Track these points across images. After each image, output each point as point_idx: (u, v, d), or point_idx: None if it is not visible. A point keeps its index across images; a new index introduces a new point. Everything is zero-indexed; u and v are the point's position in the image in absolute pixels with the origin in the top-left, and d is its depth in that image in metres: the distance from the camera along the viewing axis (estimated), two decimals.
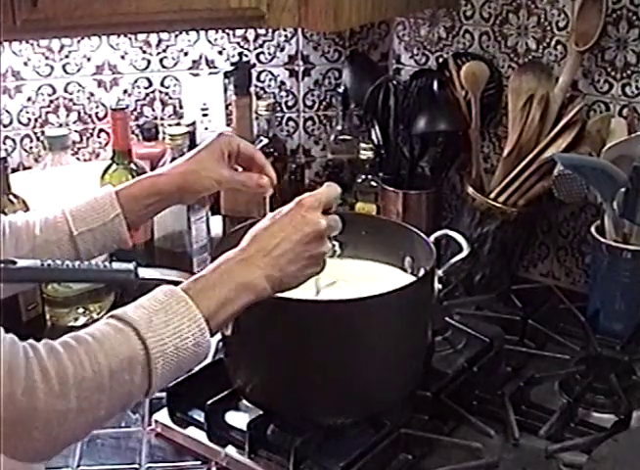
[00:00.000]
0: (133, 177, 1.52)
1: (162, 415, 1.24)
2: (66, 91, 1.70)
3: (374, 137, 1.69)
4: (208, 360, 1.29)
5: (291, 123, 1.85)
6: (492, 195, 1.54)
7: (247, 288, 0.94)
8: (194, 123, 1.72)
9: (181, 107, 1.77)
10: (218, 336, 1.22)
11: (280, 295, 1.08)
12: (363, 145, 1.65)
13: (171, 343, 0.87)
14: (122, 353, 0.85)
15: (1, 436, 0.78)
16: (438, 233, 1.28)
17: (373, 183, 1.65)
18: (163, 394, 1.24)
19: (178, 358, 0.88)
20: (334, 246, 1.04)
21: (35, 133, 1.70)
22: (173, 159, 1.52)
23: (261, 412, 1.17)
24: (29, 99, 1.68)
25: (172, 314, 0.88)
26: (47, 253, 1.11)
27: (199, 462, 1.18)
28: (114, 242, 1.16)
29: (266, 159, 1.23)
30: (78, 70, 1.69)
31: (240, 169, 1.22)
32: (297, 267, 0.98)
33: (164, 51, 1.73)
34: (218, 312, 0.92)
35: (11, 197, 1.43)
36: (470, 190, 1.56)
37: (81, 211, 1.14)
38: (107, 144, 1.74)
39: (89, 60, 1.69)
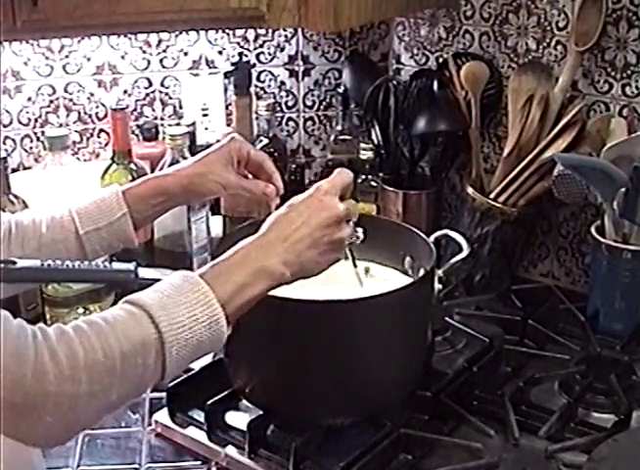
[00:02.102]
0: (133, 177, 1.53)
1: (162, 415, 1.24)
2: (66, 91, 1.70)
3: (374, 137, 1.69)
4: (208, 360, 1.30)
5: (291, 123, 1.85)
6: (492, 195, 1.54)
7: (264, 273, 0.94)
8: (194, 123, 1.72)
9: (181, 107, 1.77)
10: None
11: (280, 295, 1.08)
12: (363, 145, 1.65)
13: (186, 327, 0.86)
14: (134, 337, 0.84)
15: (0, 420, 0.77)
16: (438, 233, 1.28)
17: (373, 183, 1.65)
18: (163, 394, 1.24)
19: (193, 343, 0.87)
20: (356, 231, 1.05)
21: (35, 133, 1.70)
22: (173, 159, 1.52)
23: (261, 412, 1.17)
24: (29, 99, 1.68)
25: (187, 299, 0.87)
26: (53, 252, 1.11)
27: (199, 462, 1.18)
28: (120, 241, 1.16)
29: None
30: (78, 71, 1.69)
31: (250, 176, 1.21)
32: (317, 253, 0.97)
33: (164, 51, 1.73)
34: (235, 298, 0.91)
35: (11, 197, 1.43)
36: (470, 190, 1.56)
37: (88, 209, 1.14)
38: (107, 144, 1.74)
39: (89, 60, 1.69)
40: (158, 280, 1.00)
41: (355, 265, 1.18)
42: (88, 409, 0.82)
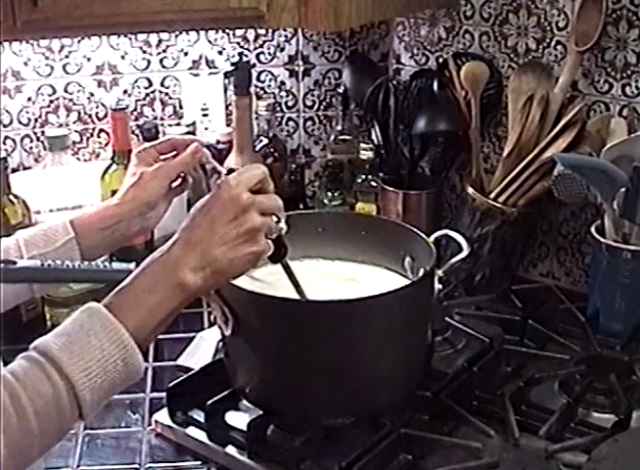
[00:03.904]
0: None
1: (162, 415, 1.24)
2: (66, 91, 1.70)
3: (374, 137, 1.69)
4: (208, 360, 1.30)
5: (291, 123, 1.85)
6: (492, 195, 1.54)
7: (174, 288, 0.91)
8: (194, 123, 1.72)
9: (181, 107, 1.77)
10: (218, 336, 1.23)
11: (280, 295, 1.08)
12: (363, 145, 1.65)
13: (98, 372, 0.85)
14: (47, 394, 0.82)
15: None
16: (438, 233, 1.28)
17: (373, 183, 1.65)
18: (163, 394, 1.24)
19: (108, 382, 0.86)
20: (278, 221, 0.98)
21: (35, 133, 1.70)
22: None
23: (261, 412, 1.17)
24: (29, 99, 1.68)
25: (95, 338, 0.86)
26: None
27: (199, 462, 1.18)
28: None
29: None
30: (78, 71, 1.69)
31: None
32: (227, 249, 0.93)
33: (164, 51, 1.73)
34: (146, 323, 0.89)
35: (11, 197, 1.43)
36: (470, 190, 1.56)
37: (34, 237, 1.13)
38: (107, 144, 1.74)
39: (89, 60, 1.69)
40: None
41: (292, 277, 1.11)
42: None
